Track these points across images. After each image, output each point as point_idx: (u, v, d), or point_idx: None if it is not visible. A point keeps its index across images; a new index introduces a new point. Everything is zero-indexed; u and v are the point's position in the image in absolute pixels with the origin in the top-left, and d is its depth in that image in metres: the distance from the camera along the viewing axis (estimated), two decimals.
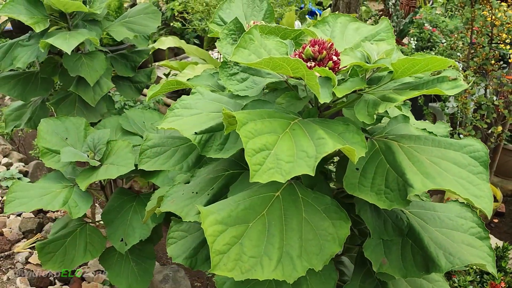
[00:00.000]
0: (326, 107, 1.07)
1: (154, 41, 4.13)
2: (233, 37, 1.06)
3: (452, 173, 0.87)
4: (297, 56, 0.96)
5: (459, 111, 2.78)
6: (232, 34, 1.06)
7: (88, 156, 1.62)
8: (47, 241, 1.61)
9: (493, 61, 2.58)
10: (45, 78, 2.00)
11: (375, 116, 0.85)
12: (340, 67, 0.90)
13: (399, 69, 0.87)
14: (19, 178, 2.75)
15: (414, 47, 3.11)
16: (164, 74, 4.86)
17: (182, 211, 1.05)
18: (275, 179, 0.76)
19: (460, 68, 2.80)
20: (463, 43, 2.88)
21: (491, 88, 2.66)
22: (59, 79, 1.98)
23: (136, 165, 1.52)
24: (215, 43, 1.03)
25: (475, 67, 2.62)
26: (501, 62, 2.63)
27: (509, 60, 2.93)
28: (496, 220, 2.98)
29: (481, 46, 2.58)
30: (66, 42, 1.62)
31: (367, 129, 1.01)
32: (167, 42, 4.00)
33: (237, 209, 0.87)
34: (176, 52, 5.40)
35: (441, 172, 0.86)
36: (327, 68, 0.93)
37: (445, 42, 3.02)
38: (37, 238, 2.27)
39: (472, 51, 2.68)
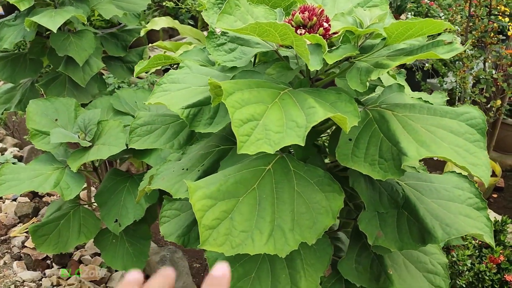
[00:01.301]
0: (318, 77, 1.04)
1: (148, 23, 4.06)
2: (220, 6, 1.02)
3: (448, 141, 0.84)
4: (287, 23, 0.92)
5: (457, 86, 2.75)
6: (219, 4, 1.02)
7: (79, 137, 1.59)
8: (40, 223, 1.59)
9: (492, 34, 2.53)
10: (33, 59, 1.96)
11: (367, 84, 0.81)
12: (331, 33, 0.87)
13: (392, 34, 0.83)
14: (13, 163, 2.72)
15: None
16: None
17: (173, 188, 1.02)
18: (264, 150, 0.73)
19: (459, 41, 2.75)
20: (461, 16, 2.82)
21: (490, 61, 2.62)
22: (48, 60, 1.93)
23: (127, 145, 1.49)
24: (202, 13, 0.99)
25: (473, 41, 2.57)
26: (501, 35, 2.58)
27: (508, 33, 2.89)
28: (495, 195, 2.97)
29: (479, 18, 2.52)
30: (51, 20, 1.57)
31: (360, 99, 0.98)
32: (160, 22, 3.92)
33: (227, 183, 0.84)
34: (170, 34, 5.33)
35: (437, 140, 0.83)
36: (317, 34, 0.89)
37: (443, 15, 2.96)
38: (32, 222, 2.25)
39: (471, 24, 2.63)
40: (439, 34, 0.88)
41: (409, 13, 3.19)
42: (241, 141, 0.72)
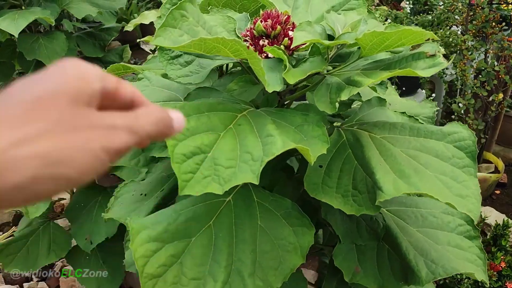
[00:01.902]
0: (290, 90, 0.92)
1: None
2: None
3: (433, 168, 0.72)
4: (248, 32, 0.80)
5: (458, 78, 2.61)
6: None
7: None
8: (6, 242, 1.49)
9: (493, 23, 2.39)
10: (4, 62, 1.84)
11: (337, 105, 0.70)
12: (297, 45, 0.75)
13: (366, 46, 0.72)
14: None
15: (409, 11, 2.90)
16: (151, 50, 4.67)
17: (127, 217, 0.92)
18: (212, 190, 0.62)
19: (459, 32, 2.61)
20: (461, 5, 2.68)
21: (491, 53, 2.48)
22: (18, 64, 1.82)
23: None
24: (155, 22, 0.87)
25: (474, 31, 2.43)
26: (503, 24, 2.44)
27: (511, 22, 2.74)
28: (497, 192, 2.85)
29: (480, 7, 2.38)
30: (13, 24, 1.46)
31: (334, 115, 0.87)
32: (150, 16, 3.78)
33: (177, 221, 0.73)
34: None
35: (419, 168, 0.72)
36: (282, 46, 0.77)
37: (442, 4, 2.82)
38: (13, 231, 2.16)
39: (471, 13, 2.49)
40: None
41: (407, 2, 3.04)
42: (183, 180, 0.61)
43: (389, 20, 2.86)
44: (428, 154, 0.75)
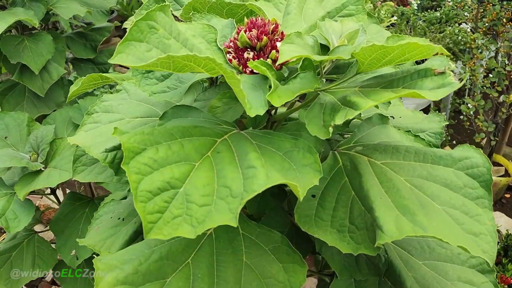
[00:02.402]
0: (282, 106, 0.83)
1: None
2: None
3: (441, 201, 0.63)
4: (231, 43, 0.71)
5: (467, 78, 2.50)
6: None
7: (30, 158, 1.40)
8: None
9: (504, 20, 2.27)
10: None
11: (331, 129, 0.60)
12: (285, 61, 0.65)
13: (364, 61, 0.62)
14: None
15: (416, 7, 2.79)
16: None
17: (103, 245, 0.83)
18: (182, 233, 0.53)
19: (468, 30, 2.49)
20: (471, 1, 2.56)
21: (502, 51, 2.36)
22: (3, 66, 1.74)
23: None
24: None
25: (484, 29, 2.32)
26: None
27: None
28: (507, 195, 2.74)
29: (491, 4, 2.26)
30: None
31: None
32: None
33: (150, 259, 0.65)
34: None
35: (425, 201, 0.62)
36: (269, 60, 0.68)
37: (451, 0, 2.70)
38: (3, 239, 2.09)
39: (481, 10, 2.37)
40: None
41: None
42: (149, 221, 0.53)
43: (395, 17, 2.75)
44: (435, 183, 0.65)
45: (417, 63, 0.74)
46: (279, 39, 0.69)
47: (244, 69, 0.68)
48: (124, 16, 4.74)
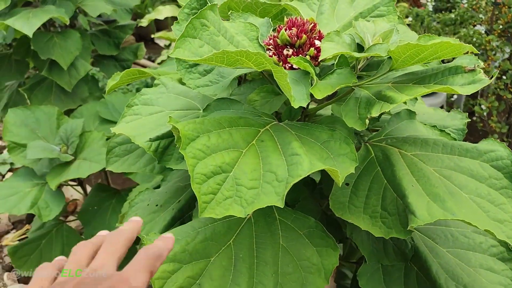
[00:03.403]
0: (315, 100, 0.88)
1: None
2: None
3: (468, 190, 0.68)
4: (271, 41, 0.76)
5: None
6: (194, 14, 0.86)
7: (60, 150, 1.45)
8: (20, 244, 1.47)
9: None
10: (18, 60, 1.82)
11: (367, 121, 0.65)
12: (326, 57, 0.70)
13: (399, 58, 0.67)
14: (11, 163, 2.64)
15: (431, 9, 2.82)
16: (165, 46, 4.64)
17: (143, 229, 0.88)
18: (233, 212, 0.58)
19: (483, 32, 2.53)
20: (486, 3, 2.60)
21: None
22: (32, 62, 1.80)
23: None
24: (172, 28, 0.83)
25: (499, 31, 2.35)
26: None
27: None
28: None
29: (506, 6, 2.30)
30: (27, 23, 1.43)
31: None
32: (164, 11, 3.76)
33: (195, 240, 0.70)
34: None
35: (454, 190, 0.67)
36: (308, 57, 0.73)
37: (466, 2, 2.73)
38: (26, 229, 2.15)
39: (496, 12, 2.40)
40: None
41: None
42: (204, 201, 0.58)
43: (410, 18, 2.78)
44: (462, 174, 0.70)
45: (443, 62, 0.79)
46: (317, 37, 0.74)
47: (283, 65, 0.73)
48: (138, 14, 4.81)
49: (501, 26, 2.30)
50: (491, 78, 0.61)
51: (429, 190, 0.66)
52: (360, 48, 0.74)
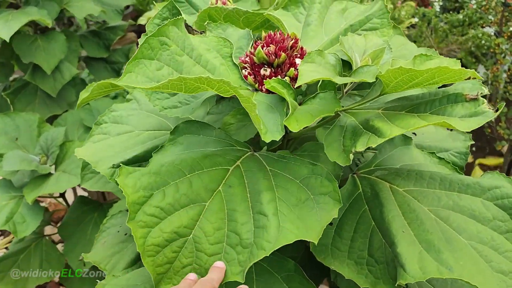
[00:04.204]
0: None
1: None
2: None
3: (468, 235, 0.59)
4: (248, 58, 0.67)
5: (489, 83, 2.43)
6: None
7: (40, 161, 1.38)
8: None
9: None
10: (3, 62, 1.74)
11: (351, 156, 0.56)
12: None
13: (390, 83, 0.58)
14: None
15: (438, 9, 2.71)
16: None
17: (109, 262, 0.80)
18: None
19: (492, 34, 2.42)
20: (495, 4, 2.48)
21: None
22: (16, 65, 1.72)
23: None
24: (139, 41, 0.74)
25: (509, 33, 2.24)
26: None
27: None
28: None
29: None
30: (6, 25, 1.35)
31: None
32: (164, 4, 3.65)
33: None
34: None
35: (451, 235, 0.58)
36: (287, 78, 0.64)
37: (474, 2, 2.61)
38: (10, 241, 2.09)
39: (506, 13, 2.29)
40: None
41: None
42: (159, 273, 0.49)
43: (416, 18, 2.67)
44: (462, 214, 0.61)
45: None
46: (299, 55, 0.65)
47: (260, 87, 0.64)
48: (140, 11, 4.72)
49: (510, 29, 2.19)
50: (496, 110, 0.51)
51: (422, 236, 0.57)
52: (347, 66, 0.65)
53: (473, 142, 0.86)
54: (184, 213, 0.51)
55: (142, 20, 3.51)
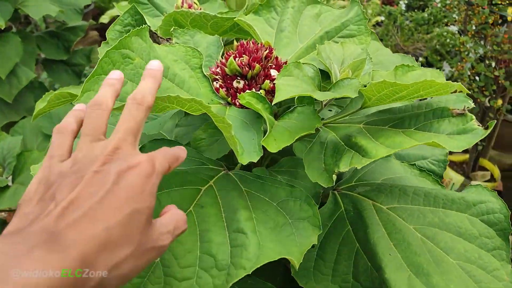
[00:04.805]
0: None
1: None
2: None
3: (456, 255, 0.56)
4: (219, 69, 0.62)
5: (453, 81, 2.46)
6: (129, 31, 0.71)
7: None
8: None
9: (490, 21, 2.22)
10: None
11: (334, 177, 0.52)
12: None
13: (372, 97, 0.54)
14: None
15: (404, 8, 2.72)
16: None
17: None
18: None
19: (456, 32, 2.45)
20: (459, 2, 2.51)
21: (490, 55, 2.32)
22: None
23: None
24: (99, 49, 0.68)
25: (473, 32, 2.27)
26: (502, 27, 2.28)
27: (508, 18, 2.58)
28: None
29: (480, 7, 2.21)
30: None
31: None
32: (126, 7, 3.55)
33: None
34: None
35: (439, 256, 0.55)
36: (262, 91, 0.59)
37: (439, 1, 2.64)
38: None
39: (470, 12, 2.32)
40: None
41: None
42: None
43: (382, 17, 2.68)
44: (449, 232, 0.58)
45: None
46: (274, 65, 0.61)
47: (233, 100, 0.59)
48: (102, 8, 4.57)
49: (474, 27, 2.22)
50: (486, 128, 0.49)
51: (410, 259, 0.54)
52: (325, 77, 0.61)
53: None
54: None
55: (104, 19, 3.40)
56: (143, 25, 0.58)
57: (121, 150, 0.38)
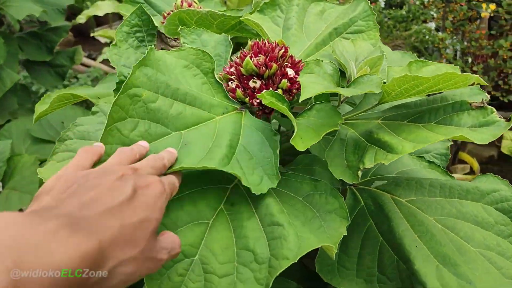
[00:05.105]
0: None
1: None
2: (138, 37, 0.70)
3: (476, 243, 0.58)
4: (233, 69, 0.61)
5: None
6: (137, 33, 0.70)
7: None
8: None
9: (468, 16, 2.29)
10: None
11: (360, 173, 0.53)
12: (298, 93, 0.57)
13: (392, 91, 0.55)
14: None
15: (383, 5, 2.77)
16: (107, 43, 4.36)
17: None
18: None
19: (433, 28, 2.50)
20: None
21: (467, 51, 2.38)
22: None
23: None
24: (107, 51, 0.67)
25: (451, 29, 2.32)
26: (478, 22, 2.35)
27: (482, 14, 2.66)
28: None
29: (458, 4, 2.27)
30: None
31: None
32: (104, 7, 3.48)
33: None
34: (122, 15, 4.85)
35: (461, 245, 0.57)
36: (280, 90, 0.60)
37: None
38: None
39: (447, 9, 2.38)
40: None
41: None
42: None
43: None
44: (466, 221, 0.60)
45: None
46: (289, 64, 0.61)
47: (251, 100, 0.59)
48: (75, 9, 4.48)
49: (452, 24, 2.28)
50: (508, 120, 0.50)
51: (436, 250, 0.55)
52: (341, 74, 0.62)
53: (451, 143, 0.87)
54: (188, 230, 0.47)
55: (80, 19, 3.33)
56: (150, 26, 0.58)
57: (140, 170, 0.43)
